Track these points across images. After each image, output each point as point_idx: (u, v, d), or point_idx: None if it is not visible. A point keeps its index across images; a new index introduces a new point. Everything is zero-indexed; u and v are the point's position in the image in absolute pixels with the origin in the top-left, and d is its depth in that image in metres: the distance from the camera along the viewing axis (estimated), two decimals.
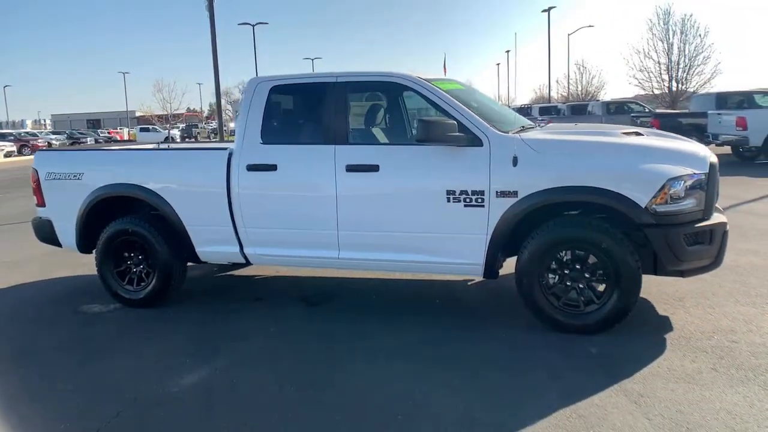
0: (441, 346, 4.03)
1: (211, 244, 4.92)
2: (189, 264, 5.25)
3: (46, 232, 5.47)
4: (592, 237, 3.91)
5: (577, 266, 4.06)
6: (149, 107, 55.16)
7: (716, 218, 4.03)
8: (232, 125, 64.79)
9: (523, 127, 4.56)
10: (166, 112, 52.20)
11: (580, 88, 45.52)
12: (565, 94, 46.09)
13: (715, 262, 4.04)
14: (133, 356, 4.11)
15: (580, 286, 4.07)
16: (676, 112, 21.62)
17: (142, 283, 5.14)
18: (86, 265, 6.81)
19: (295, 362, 3.89)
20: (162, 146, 6.24)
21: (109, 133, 52.85)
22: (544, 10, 38.92)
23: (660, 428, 2.87)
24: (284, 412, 3.21)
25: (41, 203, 5.41)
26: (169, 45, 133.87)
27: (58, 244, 5.51)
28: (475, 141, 4.14)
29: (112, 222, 5.14)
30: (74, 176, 5.19)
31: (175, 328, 4.64)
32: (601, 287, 4.06)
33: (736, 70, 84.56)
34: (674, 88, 32.72)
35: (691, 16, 33.29)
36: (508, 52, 72.61)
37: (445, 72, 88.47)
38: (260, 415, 3.20)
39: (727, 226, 4.06)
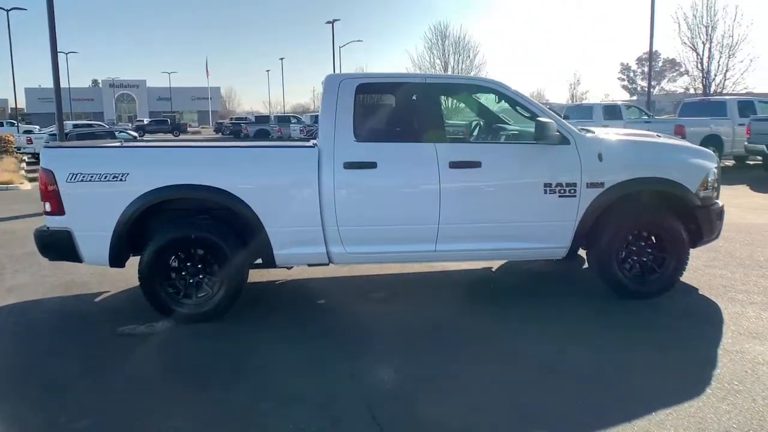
0: (549, 320, 4.60)
1: (294, 246, 4.68)
2: None
3: (60, 246, 4.55)
4: (664, 218, 4.86)
5: (642, 243, 4.97)
6: None
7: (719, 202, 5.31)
8: None
9: (585, 129, 5.32)
10: None
11: None
12: None
13: (718, 235, 5.31)
14: (287, 368, 3.83)
15: (644, 259, 4.99)
16: None
17: (202, 295, 4.65)
18: (27, 286, 5.76)
19: (460, 343, 4.09)
20: (237, 144, 5.57)
21: None
22: (328, 22, 40.73)
23: None
24: (525, 390, 3.48)
25: (57, 211, 4.49)
26: None
27: (77, 259, 4.63)
28: (564, 140, 4.78)
29: (164, 229, 4.56)
30: (115, 177, 4.45)
31: (277, 337, 4.35)
32: (650, 258, 5.02)
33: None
34: None
35: (465, 37, 38.16)
36: (282, 59, 74.02)
37: (207, 75, 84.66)
38: (498, 398, 3.43)
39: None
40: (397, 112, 5.14)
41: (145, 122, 58.04)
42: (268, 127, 38.60)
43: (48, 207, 4.52)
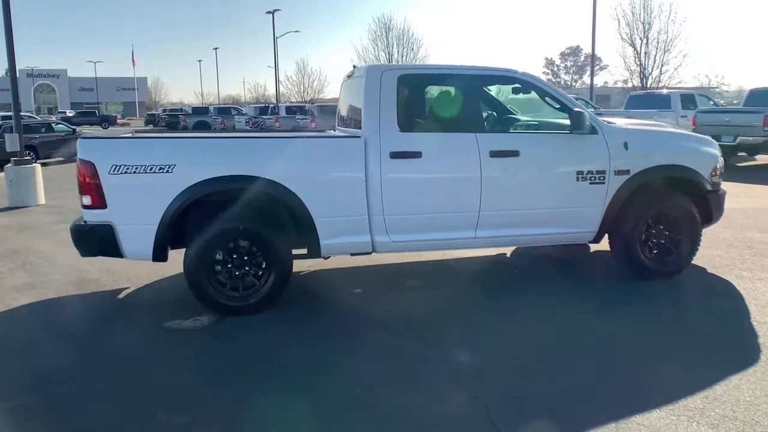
0: (586, 301, 4.87)
1: (340, 236, 4.70)
2: None
3: (102, 241, 4.38)
4: (683, 203, 5.21)
5: (661, 226, 5.31)
6: None
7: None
8: None
9: (606, 121, 5.58)
10: None
11: (302, 89, 48.05)
12: (287, 93, 48.08)
13: (720, 217, 5.73)
14: (358, 356, 3.89)
15: (662, 241, 5.33)
16: None
17: (249, 287, 4.60)
18: (34, 284, 5.50)
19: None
20: (287, 135, 5.43)
21: None
22: (269, 12, 40.01)
23: None
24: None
25: (98, 204, 4.32)
26: None
27: (118, 255, 4.47)
28: (592, 130, 5.03)
29: (211, 220, 4.47)
30: (161, 169, 4.33)
31: (329, 326, 4.37)
32: (668, 240, 5.36)
33: None
34: None
35: (409, 29, 38.36)
36: (216, 49, 71.72)
37: (133, 64, 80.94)
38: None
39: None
40: (437, 102, 5.24)
41: (70, 114, 55.06)
42: (208, 118, 37.52)
43: (87, 200, 4.34)
